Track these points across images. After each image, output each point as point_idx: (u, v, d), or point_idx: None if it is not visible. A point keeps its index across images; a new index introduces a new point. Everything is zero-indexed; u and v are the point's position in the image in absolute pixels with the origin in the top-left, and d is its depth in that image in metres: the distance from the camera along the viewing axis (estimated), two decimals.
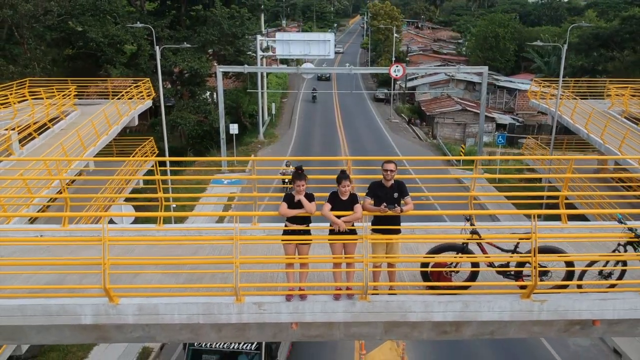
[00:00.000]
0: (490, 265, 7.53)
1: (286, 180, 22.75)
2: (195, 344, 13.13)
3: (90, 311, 7.13)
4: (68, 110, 26.87)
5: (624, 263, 7.40)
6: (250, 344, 12.89)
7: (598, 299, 7.30)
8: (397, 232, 7.47)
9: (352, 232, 7.27)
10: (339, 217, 7.19)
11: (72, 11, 38.41)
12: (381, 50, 78.79)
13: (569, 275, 7.36)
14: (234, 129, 36.33)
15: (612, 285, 7.50)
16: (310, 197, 7.17)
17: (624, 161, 21.73)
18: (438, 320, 7.42)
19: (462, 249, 7.40)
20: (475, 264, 7.40)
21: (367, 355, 16.52)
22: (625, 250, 7.37)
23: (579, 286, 7.41)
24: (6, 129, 21.56)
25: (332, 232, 7.30)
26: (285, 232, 7.30)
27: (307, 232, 7.30)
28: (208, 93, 44.98)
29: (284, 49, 40.95)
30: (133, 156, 27.50)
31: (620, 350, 17.21)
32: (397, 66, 35.38)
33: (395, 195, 7.27)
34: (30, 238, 8.81)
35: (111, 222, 19.15)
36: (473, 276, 7.44)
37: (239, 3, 44.71)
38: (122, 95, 27.33)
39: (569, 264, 7.34)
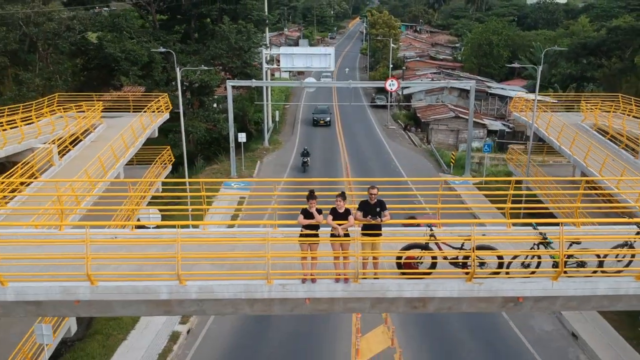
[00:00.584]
0: (445, 258, 10.62)
1: None
2: None
3: (166, 290, 10.22)
4: (96, 123, 29.91)
5: (539, 257, 10.51)
6: None
7: (519, 282, 10.41)
8: (379, 235, 10.55)
9: (347, 235, 10.37)
10: (338, 224, 10.31)
11: (91, 28, 41.49)
12: (379, 57, 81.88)
13: (500, 265, 10.46)
14: (242, 137, 39.40)
15: (532, 273, 10.60)
16: (319, 211, 10.27)
17: (590, 172, 24.81)
18: (408, 296, 10.53)
19: (425, 246, 10.51)
20: (434, 257, 10.50)
21: (363, 338, 19.66)
22: (539, 248, 10.47)
23: (507, 273, 10.50)
24: (47, 143, 24.69)
25: (333, 235, 10.39)
26: (302, 235, 10.40)
27: (316, 235, 10.39)
28: (216, 103, 47.98)
29: (287, 62, 44.05)
30: (154, 163, 30.70)
31: (577, 333, 20.34)
32: (392, 81, 38.50)
33: (378, 209, 10.36)
34: (109, 240, 11.88)
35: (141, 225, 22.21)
36: (433, 265, 10.54)
37: (245, 18, 47.71)
38: (146, 110, 30.37)
39: (500, 257, 10.44)
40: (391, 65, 70.32)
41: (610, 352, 19.10)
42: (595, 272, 10.47)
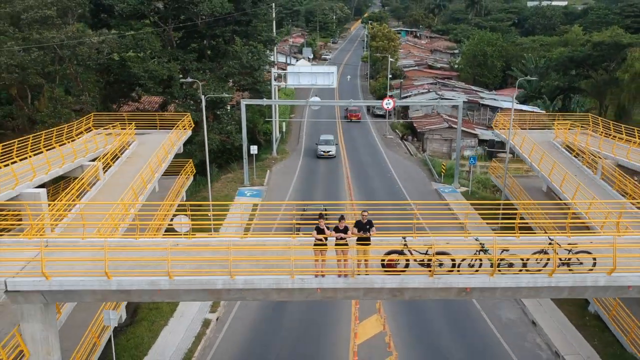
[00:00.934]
0: (415, 260, 15.05)
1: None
2: None
3: (221, 282, 14.65)
4: (129, 140, 34.33)
5: (481, 260, 14.94)
6: None
7: (466, 277, 14.83)
8: (369, 244, 15.00)
9: (346, 244, 14.82)
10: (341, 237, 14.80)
11: (117, 50, 45.96)
12: (379, 67, 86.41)
13: (453, 265, 14.89)
14: (254, 149, 43.91)
15: (476, 271, 15.03)
16: (327, 227, 14.74)
17: (553, 186, 29.21)
18: (389, 287, 14.96)
19: (401, 252, 14.95)
20: (407, 260, 14.93)
21: (360, 324, 24.12)
22: (480, 253, 14.91)
23: (458, 270, 14.91)
24: (96, 160, 29.13)
25: (337, 244, 14.83)
26: (315, 244, 14.84)
27: (325, 245, 14.84)
28: (229, 113, 52.31)
29: (294, 79, 48.52)
30: (179, 175, 35.16)
31: (536, 321, 24.75)
32: (388, 100, 43.00)
33: (367, 227, 14.81)
34: (165, 246, 16.29)
35: (172, 230, 26.62)
36: (406, 265, 14.97)
37: (254, 38, 52.14)
38: (175, 127, 34.85)
39: (453, 260, 14.88)
40: (390, 76, 74.95)
41: (561, 336, 23.51)
42: (520, 270, 14.91)
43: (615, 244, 14.64)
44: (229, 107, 52.54)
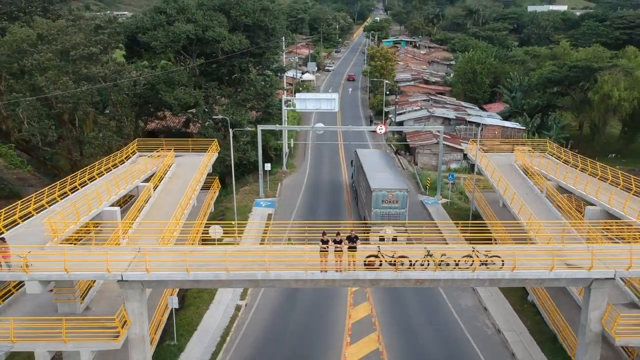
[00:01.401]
0: (386, 261, 22.95)
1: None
2: None
3: (260, 275, 22.52)
4: (169, 163, 42.25)
5: (428, 261, 22.86)
6: None
7: (419, 272, 22.72)
8: (355, 250, 22.86)
9: (341, 250, 22.74)
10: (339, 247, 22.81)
11: (152, 81, 54.05)
12: (378, 83, 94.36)
13: (410, 264, 22.82)
14: (268, 167, 51.91)
15: (425, 268, 22.96)
16: (329, 239, 22.71)
17: (506, 202, 37.08)
18: (369, 278, 22.90)
19: (377, 255, 22.88)
20: (381, 261, 22.87)
21: (354, 309, 32.09)
22: (427, 257, 22.83)
23: (413, 268, 22.83)
24: (149, 181, 37.05)
25: (335, 251, 22.75)
26: (320, 251, 22.74)
27: (327, 251, 22.75)
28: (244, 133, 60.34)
29: (301, 104, 56.57)
30: (210, 190, 43.07)
31: (487, 307, 32.65)
32: (381, 126, 51.11)
33: (355, 239, 22.74)
34: (222, 251, 24.26)
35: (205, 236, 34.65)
36: (380, 264, 22.90)
37: (267, 67, 60.22)
38: (208, 151, 42.84)
39: (410, 261, 22.82)
40: (387, 92, 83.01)
41: (504, 318, 31.39)
42: (454, 268, 22.82)
43: (515, 252, 22.63)
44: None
